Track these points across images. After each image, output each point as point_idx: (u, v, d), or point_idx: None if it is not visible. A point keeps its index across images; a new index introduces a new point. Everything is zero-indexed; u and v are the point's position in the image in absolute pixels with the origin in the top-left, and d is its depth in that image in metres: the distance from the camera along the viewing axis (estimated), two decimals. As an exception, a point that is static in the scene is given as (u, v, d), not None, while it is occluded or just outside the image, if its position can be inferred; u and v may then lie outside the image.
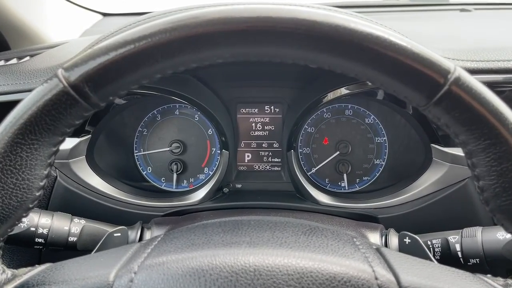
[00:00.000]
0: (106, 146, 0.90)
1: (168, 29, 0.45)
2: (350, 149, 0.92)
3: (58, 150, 0.50)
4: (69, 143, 0.79)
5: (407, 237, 0.64)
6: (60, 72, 0.46)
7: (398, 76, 0.46)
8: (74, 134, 0.79)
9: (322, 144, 0.93)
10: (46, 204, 0.79)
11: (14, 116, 0.47)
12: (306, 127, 0.93)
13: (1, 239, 0.51)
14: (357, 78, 0.48)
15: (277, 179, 0.94)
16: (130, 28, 0.48)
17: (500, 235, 0.63)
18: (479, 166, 0.47)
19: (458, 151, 0.76)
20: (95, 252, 0.67)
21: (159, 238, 0.56)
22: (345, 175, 0.92)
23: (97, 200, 0.82)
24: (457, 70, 0.44)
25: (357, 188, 0.93)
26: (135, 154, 0.94)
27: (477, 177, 0.47)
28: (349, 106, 0.92)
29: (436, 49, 0.79)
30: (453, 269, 0.53)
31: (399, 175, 0.90)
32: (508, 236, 0.52)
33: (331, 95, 0.82)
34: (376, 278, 0.47)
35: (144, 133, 0.94)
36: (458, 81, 0.44)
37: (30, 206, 0.50)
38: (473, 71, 0.75)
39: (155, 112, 0.93)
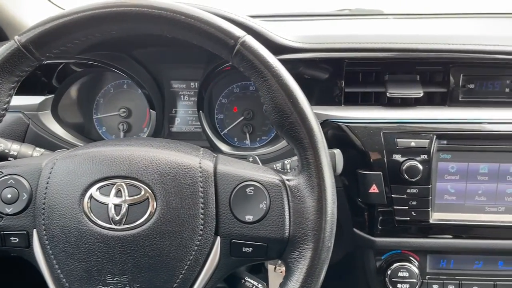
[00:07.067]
0: (70, 106, 1.22)
1: (80, 11, 0.76)
2: (252, 115, 1.22)
3: (16, 86, 0.81)
4: (37, 99, 1.12)
5: (251, 158, 0.94)
6: (16, 37, 0.78)
7: (214, 41, 0.75)
8: (41, 93, 1.12)
9: (233, 112, 1.24)
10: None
11: None
12: (221, 98, 1.24)
13: None
14: (193, 42, 0.77)
15: (198, 138, 1.25)
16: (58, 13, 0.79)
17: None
18: (262, 96, 0.76)
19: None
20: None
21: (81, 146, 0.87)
22: (247, 135, 1.23)
23: (60, 144, 1.13)
24: (246, 36, 0.74)
25: (258, 145, 1.23)
26: (93, 117, 1.26)
27: (263, 103, 0.77)
28: (253, 84, 1.22)
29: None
30: (259, 165, 0.83)
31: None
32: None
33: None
34: (200, 163, 0.77)
35: (101, 102, 1.26)
36: (244, 43, 0.74)
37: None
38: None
39: (109, 86, 1.26)
